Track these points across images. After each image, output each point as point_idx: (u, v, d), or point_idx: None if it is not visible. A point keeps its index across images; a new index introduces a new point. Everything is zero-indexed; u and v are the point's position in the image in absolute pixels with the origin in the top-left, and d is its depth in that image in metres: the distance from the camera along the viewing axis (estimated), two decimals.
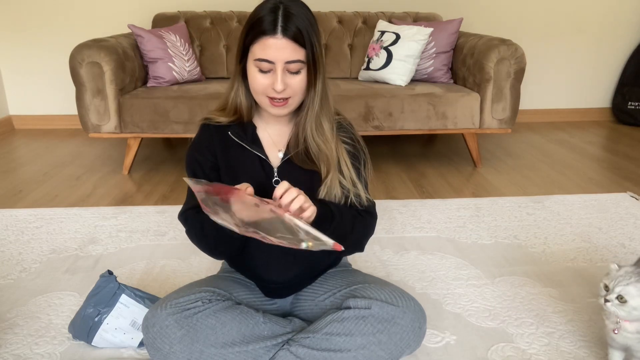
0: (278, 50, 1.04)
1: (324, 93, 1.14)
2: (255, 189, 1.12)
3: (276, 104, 1.10)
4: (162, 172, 2.66)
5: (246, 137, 1.18)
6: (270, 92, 1.08)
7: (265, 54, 1.05)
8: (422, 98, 2.58)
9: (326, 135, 1.15)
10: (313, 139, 1.15)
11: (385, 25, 2.92)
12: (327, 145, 1.15)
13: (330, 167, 1.15)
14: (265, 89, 1.08)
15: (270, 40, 1.04)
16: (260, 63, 1.06)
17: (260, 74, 1.08)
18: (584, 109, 3.81)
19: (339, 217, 1.11)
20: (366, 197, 1.20)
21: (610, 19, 3.61)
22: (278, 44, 1.04)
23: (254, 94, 1.12)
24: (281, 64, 1.05)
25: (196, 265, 1.69)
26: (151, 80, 2.73)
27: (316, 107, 1.13)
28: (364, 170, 1.22)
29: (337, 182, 1.16)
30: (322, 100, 1.14)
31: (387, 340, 1.08)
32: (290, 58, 1.05)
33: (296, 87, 1.09)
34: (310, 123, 1.14)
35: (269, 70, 1.07)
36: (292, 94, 1.10)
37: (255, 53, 1.06)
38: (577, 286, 1.56)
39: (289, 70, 1.07)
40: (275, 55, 1.04)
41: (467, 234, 1.94)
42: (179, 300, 1.10)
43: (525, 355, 1.25)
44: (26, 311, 1.43)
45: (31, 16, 3.33)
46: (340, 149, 1.18)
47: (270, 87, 1.07)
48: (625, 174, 2.62)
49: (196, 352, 1.06)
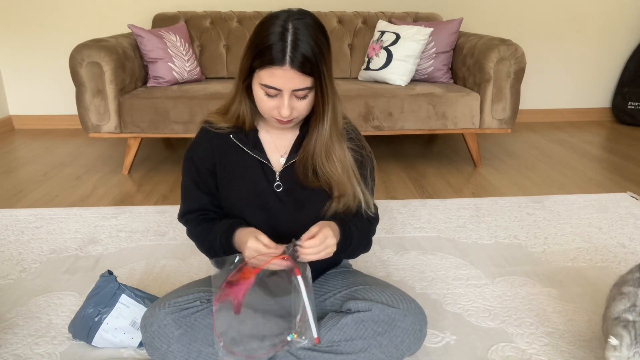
0: (285, 80, 1.02)
1: (334, 114, 1.10)
2: (257, 194, 1.13)
3: (282, 123, 1.09)
4: (162, 172, 2.66)
5: (248, 141, 1.16)
6: (276, 114, 1.07)
7: (273, 82, 1.02)
8: (422, 98, 2.58)
9: (335, 161, 1.12)
10: (322, 166, 1.12)
11: (385, 25, 2.92)
12: (336, 172, 1.12)
13: (340, 189, 1.13)
14: (271, 110, 1.07)
15: (279, 70, 1.01)
16: (267, 89, 1.04)
17: (266, 97, 1.06)
18: (584, 109, 3.81)
19: (356, 237, 1.12)
20: (373, 203, 1.21)
21: (610, 19, 3.61)
22: (285, 75, 1.01)
23: (260, 110, 1.11)
24: (288, 92, 1.03)
25: (196, 265, 1.69)
26: (151, 80, 2.73)
27: (325, 135, 1.10)
28: (370, 177, 1.21)
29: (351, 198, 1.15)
30: (331, 124, 1.10)
31: (387, 342, 1.08)
32: (297, 87, 1.03)
33: (302, 109, 1.08)
34: (319, 151, 1.11)
35: (275, 95, 1.05)
36: (298, 115, 1.08)
37: (262, 78, 1.03)
38: (577, 286, 1.56)
39: (297, 96, 1.05)
40: (283, 84, 1.02)
41: (467, 234, 1.94)
42: (178, 300, 1.10)
43: (525, 355, 1.25)
44: (26, 311, 1.43)
45: (31, 16, 3.33)
46: (349, 160, 1.15)
47: (276, 109, 1.06)
48: (625, 174, 2.62)
49: (194, 352, 1.06)
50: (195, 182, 1.19)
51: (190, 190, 1.20)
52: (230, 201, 1.17)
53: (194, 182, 1.19)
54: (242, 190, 1.15)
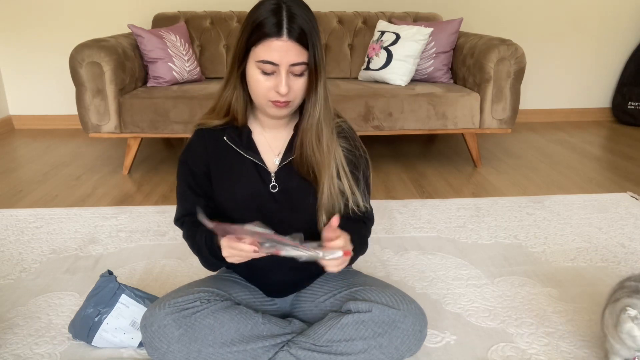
0: (283, 53, 1.02)
1: (325, 97, 1.11)
2: (252, 195, 1.12)
3: (278, 105, 1.08)
4: (162, 172, 2.66)
5: (241, 142, 1.15)
6: (273, 96, 1.06)
7: (270, 56, 1.02)
8: (422, 98, 2.58)
9: (324, 144, 1.12)
10: (312, 150, 1.12)
11: (385, 25, 2.92)
12: (323, 156, 1.12)
13: (324, 176, 1.12)
14: (268, 92, 1.06)
15: (275, 42, 1.01)
16: (264, 65, 1.03)
17: (262, 77, 1.05)
18: (584, 109, 3.81)
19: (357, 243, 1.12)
20: (364, 204, 1.19)
21: (610, 19, 3.61)
22: (283, 46, 1.01)
23: (254, 96, 1.09)
24: (285, 67, 1.03)
25: (196, 265, 1.69)
26: (151, 80, 2.73)
27: (317, 114, 1.10)
28: (362, 177, 1.20)
29: (336, 190, 1.13)
30: (323, 104, 1.11)
31: (387, 343, 1.08)
32: (295, 60, 1.03)
33: (298, 90, 1.07)
34: (310, 132, 1.12)
35: (272, 73, 1.04)
36: (294, 97, 1.08)
37: (259, 55, 1.03)
38: (577, 286, 1.56)
39: (293, 72, 1.04)
40: (280, 58, 1.02)
41: (467, 234, 1.94)
42: (178, 300, 1.10)
43: (525, 355, 1.25)
44: (26, 311, 1.43)
45: (31, 16, 3.33)
46: (339, 156, 1.15)
47: (273, 89, 1.05)
48: (625, 174, 2.62)
49: (194, 352, 1.06)
50: (189, 185, 1.18)
51: (185, 194, 1.19)
52: (225, 203, 1.17)
53: (188, 185, 1.18)
54: (237, 192, 1.15)
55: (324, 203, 1.13)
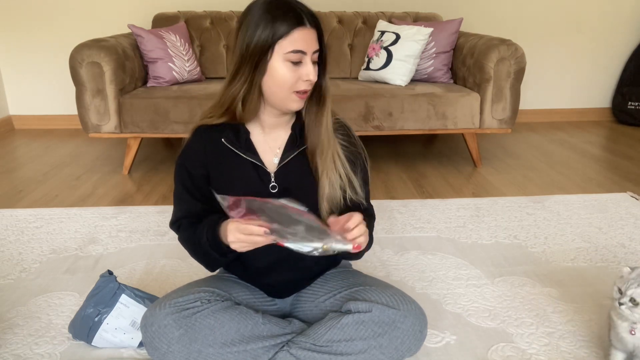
0: (308, 40, 1.06)
1: (329, 86, 1.16)
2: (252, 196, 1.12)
3: (301, 96, 1.10)
4: (162, 172, 2.66)
5: (240, 143, 1.14)
6: (300, 85, 1.08)
7: (299, 45, 1.05)
8: (422, 98, 2.58)
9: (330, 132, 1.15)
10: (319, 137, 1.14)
11: (385, 25, 2.92)
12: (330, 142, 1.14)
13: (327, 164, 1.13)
14: (295, 83, 1.08)
15: (301, 31, 1.05)
16: (294, 55, 1.05)
17: (291, 68, 1.06)
18: (584, 109, 3.81)
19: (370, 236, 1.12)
20: (364, 199, 1.19)
21: (610, 19, 3.61)
22: (308, 34, 1.06)
23: (278, 91, 1.09)
24: (310, 54, 1.07)
25: (196, 265, 1.68)
26: (151, 80, 2.73)
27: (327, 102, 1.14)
28: (359, 174, 1.19)
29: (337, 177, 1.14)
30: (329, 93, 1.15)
31: (387, 344, 1.08)
32: (316, 47, 1.08)
33: (316, 78, 1.10)
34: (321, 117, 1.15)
35: (299, 62, 1.07)
36: (313, 85, 1.11)
37: (286, 47, 1.05)
38: (577, 286, 1.56)
39: (313, 60, 1.09)
40: (307, 46, 1.06)
41: (467, 234, 1.94)
42: (178, 300, 1.10)
43: (525, 355, 1.25)
44: (26, 311, 1.43)
45: (31, 16, 3.33)
46: (338, 149, 1.16)
47: (300, 79, 1.07)
48: (625, 174, 2.62)
49: (194, 352, 1.06)
50: (187, 188, 1.17)
51: (182, 197, 1.19)
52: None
53: (185, 188, 1.17)
54: (237, 194, 1.14)
55: (326, 192, 1.13)
